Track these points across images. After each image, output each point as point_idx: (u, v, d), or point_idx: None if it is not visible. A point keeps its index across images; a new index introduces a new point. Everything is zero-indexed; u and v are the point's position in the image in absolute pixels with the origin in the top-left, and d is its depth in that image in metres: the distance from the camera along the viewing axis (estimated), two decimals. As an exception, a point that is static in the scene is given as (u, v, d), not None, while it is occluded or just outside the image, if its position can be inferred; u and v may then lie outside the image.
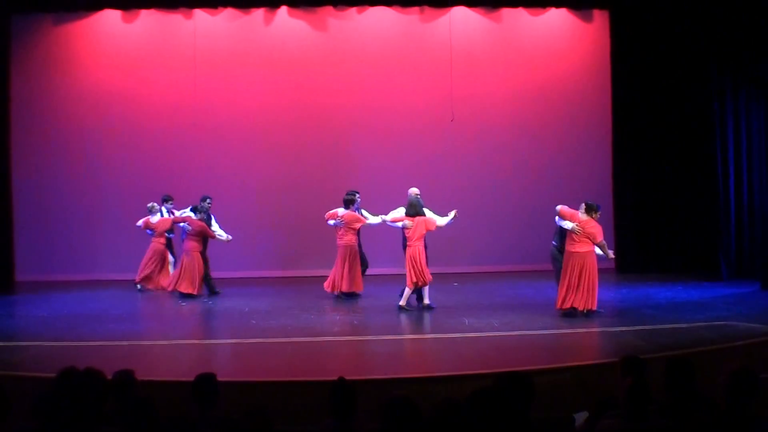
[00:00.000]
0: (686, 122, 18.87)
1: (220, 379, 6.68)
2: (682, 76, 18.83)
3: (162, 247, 17.32)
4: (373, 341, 12.10)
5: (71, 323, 13.59)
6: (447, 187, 18.99)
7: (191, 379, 6.61)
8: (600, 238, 13.51)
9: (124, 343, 11.86)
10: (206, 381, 6.56)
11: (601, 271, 14.84)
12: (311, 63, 19.48)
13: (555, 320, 13.37)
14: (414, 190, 14.91)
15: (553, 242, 14.36)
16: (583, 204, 13.69)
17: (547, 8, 19.82)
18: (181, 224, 16.60)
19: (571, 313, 13.57)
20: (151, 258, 17.22)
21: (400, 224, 14.68)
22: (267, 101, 19.40)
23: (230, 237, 16.76)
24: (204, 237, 16.35)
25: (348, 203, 16.10)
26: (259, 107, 19.41)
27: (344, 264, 15.88)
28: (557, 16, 19.93)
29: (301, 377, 9.95)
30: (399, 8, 19.52)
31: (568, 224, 13.61)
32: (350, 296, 15.89)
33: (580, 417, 6.84)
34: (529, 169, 19.64)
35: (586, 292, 13.54)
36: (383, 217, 15.19)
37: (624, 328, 12.72)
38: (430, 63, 19.61)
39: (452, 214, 14.60)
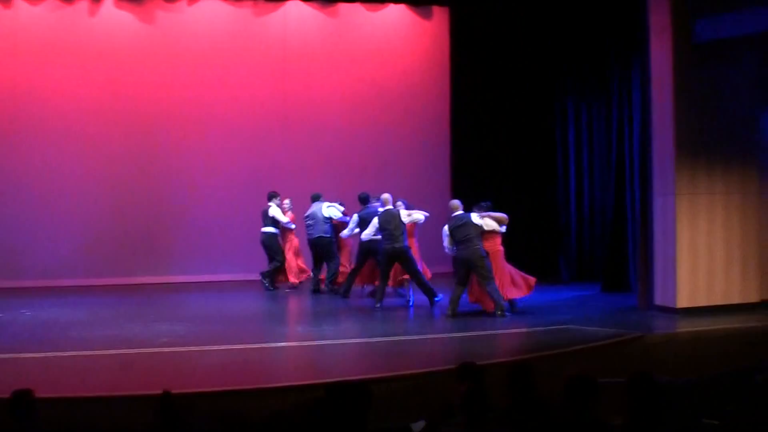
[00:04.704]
0: (526, 123, 19.23)
1: (38, 395, 6.43)
2: (522, 76, 19.19)
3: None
4: (201, 352, 11.88)
5: None
6: (281, 187, 18.86)
7: (7, 396, 6.33)
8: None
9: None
10: (23, 398, 6.31)
11: (438, 275, 15.06)
12: (138, 58, 19.01)
13: (392, 326, 13.44)
14: (386, 196, 15.40)
15: (453, 247, 14.41)
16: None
17: (386, 4, 19.99)
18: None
19: (511, 306, 14.23)
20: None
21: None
22: (91, 97, 18.78)
23: None
24: None
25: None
26: (81, 104, 18.76)
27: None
28: (396, 12, 20.09)
29: (124, 392, 9.66)
30: (231, 1, 19.37)
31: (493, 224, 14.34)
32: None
33: (418, 426, 6.82)
34: (365, 169, 19.67)
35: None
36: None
37: (463, 334, 12.83)
38: (263, 59, 19.50)
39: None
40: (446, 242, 14.33)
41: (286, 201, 17.61)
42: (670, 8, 14.20)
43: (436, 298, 15.09)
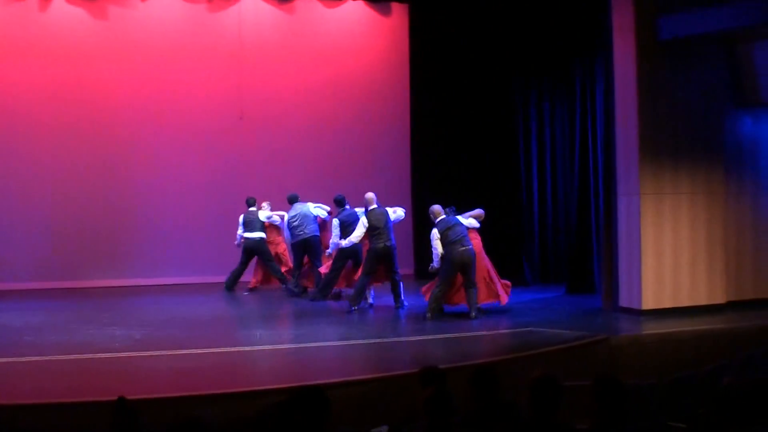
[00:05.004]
0: (488, 123, 19.24)
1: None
2: (484, 73, 19.21)
3: None
4: (157, 357, 11.82)
5: None
6: (236, 186, 18.86)
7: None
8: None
9: None
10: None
11: (405, 278, 15.10)
12: (91, 55, 18.86)
13: (352, 330, 13.42)
14: (370, 195, 15.49)
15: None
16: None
17: (344, 0, 19.95)
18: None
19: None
20: None
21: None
22: (42, 97, 18.58)
23: None
24: None
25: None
26: (32, 104, 18.56)
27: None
28: (354, 8, 20.09)
29: (78, 398, 9.58)
30: (185, -3, 19.29)
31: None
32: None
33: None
34: (323, 168, 19.65)
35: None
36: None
37: (426, 337, 12.87)
38: (219, 56, 19.41)
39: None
40: (437, 246, 14.31)
41: (266, 203, 17.68)
42: (633, 3, 14.27)
43: (403, 304, 15.18)
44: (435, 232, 14.35)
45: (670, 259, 14.43)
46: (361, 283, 15.27)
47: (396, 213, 15.61)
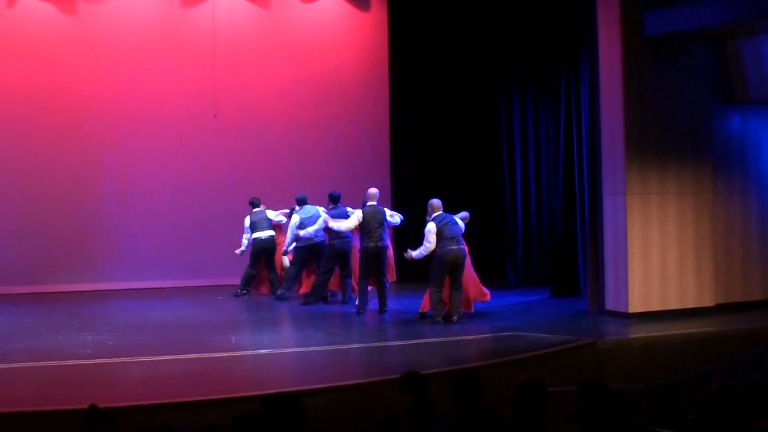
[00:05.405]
0: (470, 121, 19.27)
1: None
2: (465, 72, 19.22)
3: None
4: (129, 363, 11.78)
5: None
6: (210, 186, 18.81)
7: None
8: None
9: None
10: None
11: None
12: (59, 52, 18.66)
13: (330, 336, 13.40)
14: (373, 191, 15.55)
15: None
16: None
17: (321, -5, 19.94)
18: None
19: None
20: None
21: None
22: (8, 93, 18.44)
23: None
24: None
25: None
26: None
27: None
28: (332, 3, 20.03)
29: (48, 407, 9.55)
30: (157, -9, 19.20)
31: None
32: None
33: (360, 439, 6.82)
34: (301, 168, 19.56)
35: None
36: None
37: (406, 342, 12.85)
38: (192, 53, 19.27)
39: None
40: (432, 240, 14.23)
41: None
42: (619, -3, 14.33)
43: (387, 308, 15.23)
44: (432, 226, 14.27)
45: (658, 260, 14.45)
46: (362, 287, 15.33)
47: (393, 217, 15.62)
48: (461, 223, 14.58)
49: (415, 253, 14.42)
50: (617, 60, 14.31)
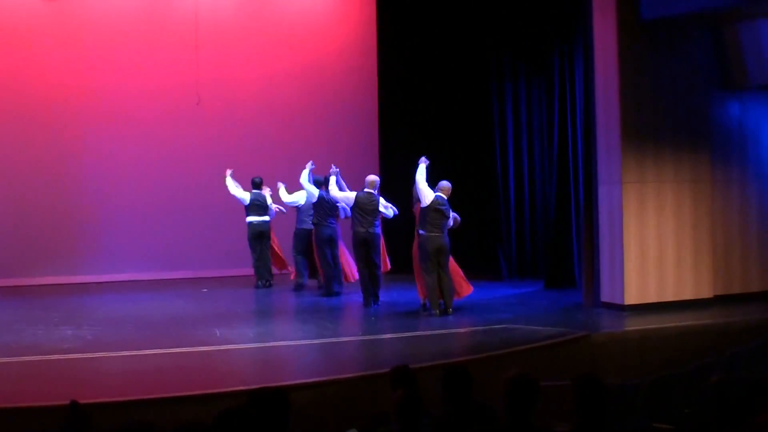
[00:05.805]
0: (461, 109, 19.25)
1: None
2: (455, 59, 19.18)
3: None
4: (109, 358, 11.75)
5: None
6: (193, 176, 18.76)
7: None
8: None
9: None
10: None
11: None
12: (39, 42, 18.61)
13: (318, 329, 13.38)
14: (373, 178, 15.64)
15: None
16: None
17: (308, -20, 19.89)
18: None
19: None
20: None
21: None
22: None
23: None
24: None
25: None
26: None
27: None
28: (318, -11, 20.01)
29: (27, 403, 9.53)
30: (139, -21, 19.11)
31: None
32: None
33: (349, 435, 6.80)
34: (287, 158, 19.48)
35: None
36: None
37: (395, 335, 12.86)
38: (174, 40, 19.23)
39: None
40: (423, 188, 14.34)
41: (267, 188, 17.70)
42: (614, -20, 14.29)
43: (377, 300, 15.24)
44: (428, 191, 14.33)
45: (655, 251, 14.43)
46: (362, 277, 15.36)
47: (387, 209, 15.58)
48: (451, 223, 14.52)
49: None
50: (613, 44, 14.27)
